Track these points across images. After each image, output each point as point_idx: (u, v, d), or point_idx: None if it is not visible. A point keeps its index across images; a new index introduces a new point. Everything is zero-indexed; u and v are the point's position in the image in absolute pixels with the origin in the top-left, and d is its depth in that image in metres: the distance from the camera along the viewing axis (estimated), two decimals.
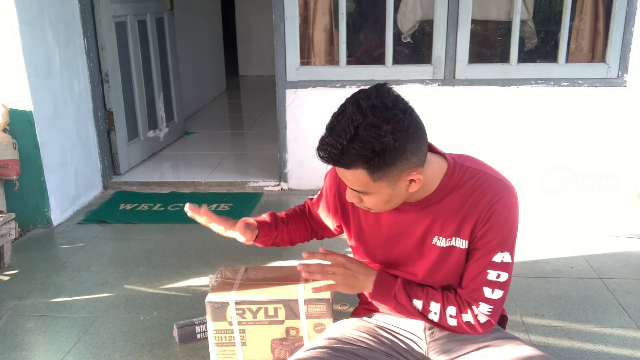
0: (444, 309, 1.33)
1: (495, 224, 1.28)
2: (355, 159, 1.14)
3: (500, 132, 3.45)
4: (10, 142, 2.85)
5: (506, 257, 1.30)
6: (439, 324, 1.34)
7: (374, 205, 1.28)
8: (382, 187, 1.21)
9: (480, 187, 1.29)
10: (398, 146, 1.14)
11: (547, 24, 3.63)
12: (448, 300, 1.34)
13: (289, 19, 3.41)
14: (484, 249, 1.30)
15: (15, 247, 2.83)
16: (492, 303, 1.31)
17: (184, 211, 1.59)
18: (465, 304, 1.33)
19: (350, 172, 1.18)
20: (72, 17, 3.34)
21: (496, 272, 1.30)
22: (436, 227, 1.33)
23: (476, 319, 1.31)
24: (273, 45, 3.48)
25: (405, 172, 1.20)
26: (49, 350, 2.04)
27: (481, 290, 1.31)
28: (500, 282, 1.30)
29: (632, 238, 2.84)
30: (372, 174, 1.17)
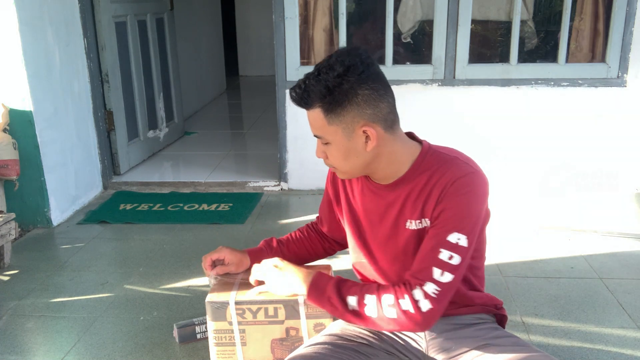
0: (379, 299, 1.26)
1: (453, 201, 1.25)
2: (313, 96, 1.24)
3: (500, 132, 3.45)
4: (10, 142, 2.85)
5: (462, 240, 1.24)
6: (377, 320, 1.26)
7: (334, 160, 1.32)
8: (337, 135, 1.27)
9: (446, 168, 1.29)
10: (348, 87, 1.22)
11: (547, 24, 3.63)
12: (384, 289, 1.27)
13: (289, 19, 3.41)
14: (439, 226, 1.26)
15: (15, 247, 2.83)
16: (440, 286, 1.22)
17: (184, 211, 1.60)
18: (404, 289, 1.24)
19: (310, 113, 1.27)
20: (72, 17, 3.34)
21: (449, 253, 1.23)
22: (407, 210, 1.34)
23: (416, 305, 1.22)
24: (273, 45, 3.48)
25: (357, 121, 1.25)
26: (49, 350, 2.04)
27: (430, 269, 1.23)
28: (452, 265, 1.23)
29: (632, 238, 2.84)
30: (327, 115, 1.25)
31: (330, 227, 1.66)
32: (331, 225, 1.65)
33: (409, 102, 3.41)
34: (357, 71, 1.22)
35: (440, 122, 3.42)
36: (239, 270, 1.61)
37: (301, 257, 1.69)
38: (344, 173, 1.36)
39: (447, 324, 1.41)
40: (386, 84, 1.28)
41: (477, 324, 1.42)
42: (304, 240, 1.70)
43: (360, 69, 1.22)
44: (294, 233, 1.71)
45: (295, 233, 1.72)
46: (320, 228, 1.70)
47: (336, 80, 1.22)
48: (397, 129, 1.31)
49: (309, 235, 1.71)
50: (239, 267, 1.61)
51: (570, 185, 3.48)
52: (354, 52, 1.24)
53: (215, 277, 1.66)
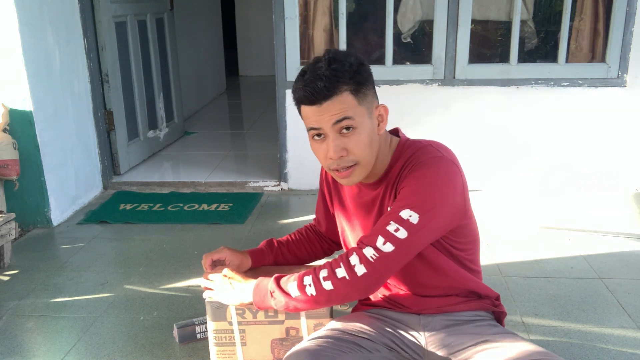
0: (316, 276, 1.28)
1: (413, 180, 1.27)
2: (340, 77, 1.24)
3: (500, 132, 3.45)
4: (10, 142, 2.85)
5: (414, 218, 1.24)
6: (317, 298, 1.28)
7: (361, 149, 1.28)
8: (365, 116, 1.28)
9: (415, 153, 1.33)
10: (368, 68, 1.30)
11: (547, 24, 3.63)
12: (321, 267, 1.30)
13: (289, 19, 3.41)
14: (397, 201, 1.28)
15: (15, 247, 2.83)
16: (379, 252, 1.23)
17: (184, 211, 1.62)
18: (340, 258, 1.27)
19: (336, 99, 1.24)
20: (72, 17, 3.34)
21: (396, 226, 1.24)
22: (387, 200, 1.37)
23: (352, 271, 1.24)
24: (273, 45, 3.48)
25: (374, 101, 1.32)
26: (49, 350, 2.04)
27: (375, 236, 1.25)
28: (396, 237, 1.23)
29: (632, 238, 2.84)
30: (356, 95, 1.26)
31: (328, 227, 1.67)
32: (329, 226, 1.67)
33: (409, 102, 3.41)
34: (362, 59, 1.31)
35: (440, 122, 3.42)
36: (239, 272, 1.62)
37: (300, 257, 1.70)
38: (361, 168, 1.31)
39: (446, 320, 1.42)
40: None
41: (475, 321, 1.43)
42: (303, 241, 1.71)
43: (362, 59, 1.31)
44: (293, 234, 1.73)
45: (294, 234, 1.73)
46: (318, 229, 1.71)
47: (357, 61, 1.27)
48: None
49: (307, 236, 1.72)
50: (240, 268, 1.61)
51: (570, 185, 3.48)
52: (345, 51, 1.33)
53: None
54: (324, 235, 1.71)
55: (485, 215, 3.07)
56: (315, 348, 1.30)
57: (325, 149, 1.30)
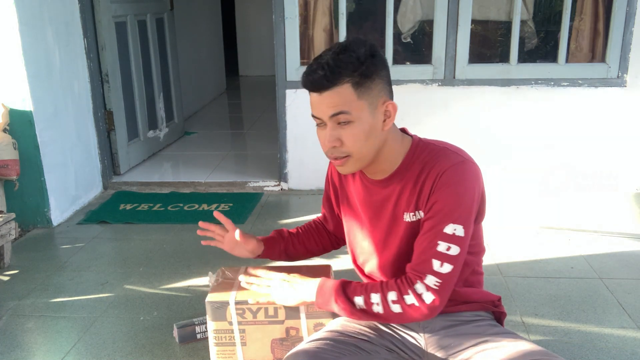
0: (384, 296, 1.29)
1: (444, 192, 1.27)
2: (344, 68, 1.22)
3: (500, 132, 3.45)
4: (10, 142, 2.85)
5: (458, 230, 1.26)
6: (385, 316, 1.30)
7: (354, 142, 1.27)
8: (364, 110, 1.26)
9: (435, 159, 1.31)
10: (378, 61, 1.26)
11: (547, 24, 3.63)
12: (387, 286, 1.30)
13: (289, 19, 3.41)
14: (434, 218, 1.28)
15: (15, 247, 2.83)
16: (441, 277, 1.25)
17: (184, 211, 1.62)
18: (406, 284, 1.28)
19: (335, 90, 1.23)
20: (72, 17, 3.34)
21: (447, 244, 1.26)
22: (403, 203, 1.35)
23: (420, 298, 1.26)
24: (273, 45, 3.48)
25: (381, 96, 1.28)
26: (49, 350, 2.04)
27: (430, 262, 1.26)
28: (450, 256, 1.25)
29: (632, 238, 2.84)
30: (357, 88, 1.24)
31: (334, 226, 1.67)
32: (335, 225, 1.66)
33: (409, 102, 3.41)
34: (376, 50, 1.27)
35: (440, 122, 3.42)
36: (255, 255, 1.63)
37: (310, 249, 1.70)
38: (356, 160, 1.31)
39: (445, 321, 1.42)
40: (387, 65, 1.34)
41: (475, 321, 1.43)
42: (313, 233, 1.71)
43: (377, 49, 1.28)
44: (302, 226, 1.73)
45: (304, 226, 1.73)
46: (325, 225, 1.71)
47: (368, 52, 1.24)
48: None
49: (317, 229, 1.72)
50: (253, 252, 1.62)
51: (570, 185, 3.48)
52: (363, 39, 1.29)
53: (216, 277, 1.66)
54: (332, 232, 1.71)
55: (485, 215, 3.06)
56: (315, 350, 1.30)
57: (323, 136, 1.31)
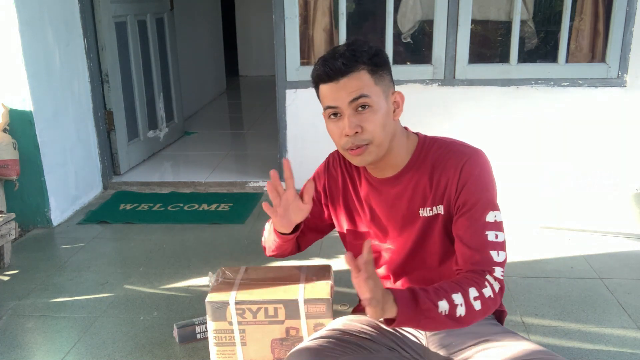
0: (466, 294, 1.23)
1: (473, 185, 1.32)
2: (359, 57, 1.28)
3: (500, 132, 3.45)
4: (10, 142, 2.85)
5: (498, 216, 1.32)
6: (466, 318, 1.23)
7: (374, 127, 1.28)
8: (381, 96, 1.30)
9: (447, 154, 1.36)
10: (385, 54, 1.34)
11: (547, 24, 3.63)
12: (463, 284, 1.25)
13: (289, 19, 3.41)
14: (473, 212, 1.31)
15: (15, 247, 2.83)
16: (502, 265, 1.30)
17: (184, 211, 1.60)
18: (480, 277, 1.26)
19: (353, 75, 1.27)
20: (72, 17, 3.34)
21: (494, 232, 1.30)
22: (418, 198, 1.38)
23: (493, 289, 1.27)
24: (273, 45, 3.48)
25: (391, 86, 1.35)
26: (49, 350, 2.04)
27: (489, 254, 1.29)
28: (501, 243, 1.30)
29: (632, 238, 2.84)
30: (373, 74, 1.29)
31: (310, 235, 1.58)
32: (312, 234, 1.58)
33: (409, 102, 3.37)
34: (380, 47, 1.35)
35: (440, 122, 3.42)
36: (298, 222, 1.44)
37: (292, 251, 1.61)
38: (375, 147, 1.30)
39: None
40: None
41: None
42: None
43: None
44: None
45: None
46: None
47: (377, 47, 1.32)
48: None
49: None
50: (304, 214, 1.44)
51: (571, 185, 3.48)
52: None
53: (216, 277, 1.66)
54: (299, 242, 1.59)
55: None
56: (317, 347, 1.30)
57: (340, 127, 1.31)
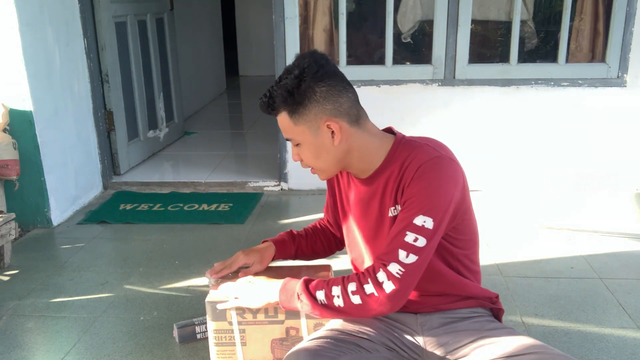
0: (344, 288, 1.29)
1: (417, 185, 1.29)
2: (277, 101, 1.31)
3: (500, 132, 3.45)
4: (10, 142, 2.85)
5: (428, 223, 1.26)
6: (346, 309, 1.29)
7: (308, 160, 1.39)
8: (305, 135, 1.34)
9: (413, 155, 1.33)
10: (306, 87, 1.29)
11: (547, 24, 3.63)
12: (348, 279, 1.30)
13: (289, 19, 3.41)
14: (406, 210, 1.29)
15: (15, 247, 2.83)
16: (404, 267, 1.25)
17: (184, 211, 1.63)
18: (367, 274, 1.27)
19: (279, 118, 1.35)
20: (72, 17, 3.34)
21: (414, 235, 1.26)
22: (387, 199, 1.38)
23: (380, 287, 1.25)
24: (273, 45, 3.48)
25: (321, 117, 1.32)
26: (49, 350, 2.04)
27: (396, 251, 1.26)
28: (416, 247, 1.25)
29: (632, 238, 2.84)
30: (291, 116, 1.32)
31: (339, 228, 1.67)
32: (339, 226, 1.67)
33: (409, 102, 3.41)
34: (312, 71, 1.29)
35: (440, 122, 3.42)
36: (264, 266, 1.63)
37: (317, 252, 1.72)
38: (321, 172, 1.42)
39: (443, 318, 1.43)
40: (344, 80, 1.35)
41: (473, 317, 1.44)
42: (319, 235, 1.72)
43: (315, 69, 1.30)
44: (309, 228, 1.73)
45: (311, 228, 1.74)
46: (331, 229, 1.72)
47: (294, 82, 1.29)
48: (363, 123, 1.37)
49: (323, 231, 1.73)
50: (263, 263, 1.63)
51: (570, 185, 3.48)
52: (309, 55, 1.33)
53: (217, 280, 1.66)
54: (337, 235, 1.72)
55: (485, 215, 3.07)
56: (315, 348, 1.30)
57: None
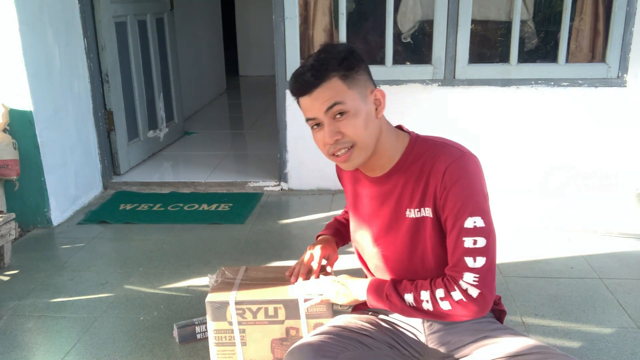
0: (432, 294, 1.32)
1: (453, 189, 1.29)
2: (327, 65, 1.28)
3: (500, 132, 3.45)
4: (10, 142, 2.85)
5: (478, 222, 1.28)
6: (435, 313, 1.33)
7: (356, 130, 1.30)
8: (357, 101, 1.30)
9: (436, 155, 1.34)
10: (358, 55, 1.32)
11: (547, 24, 3.63)
12: (435, 284, 1.33)
13: (289, 19, 3.41)
14: (452, 216, 1.30)
15: (15, 247, 2.83)
16: (477, 272, 1.28)
17: (184, 211, 1.62)
18: (452, 282, 1.31)
19: (325, 86, 1.28)
20: (72, 17, 3.34)
21: (472, 239, 1.28)
22: (405, 199, 1.38)
23: (466, 294, 1.28)
24: (273, 45, 3.48)
25: (368, 85, 1.33)
26: (49, 350, 2.04)
27: (462, 260, 1.29)
28: (479, 249, 1.28)
29: (632, 238, 2.84)
30: (345, 80, 1.29)
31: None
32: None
33: (409, 102, 3.41)
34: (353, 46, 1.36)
35: (440, 122, 3.42)
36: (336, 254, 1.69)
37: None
38: (360, 150, 1.32)
39: None
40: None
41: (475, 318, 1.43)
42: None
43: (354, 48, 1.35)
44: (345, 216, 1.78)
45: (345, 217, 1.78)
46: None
47: (347, 49, 1.32)
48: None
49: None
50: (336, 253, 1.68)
51: (570, 185, 3.48)
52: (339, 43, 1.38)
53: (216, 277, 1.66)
54: None
55: None
56: (319, 343, 1.31)
57: (322, 135, 1.32)
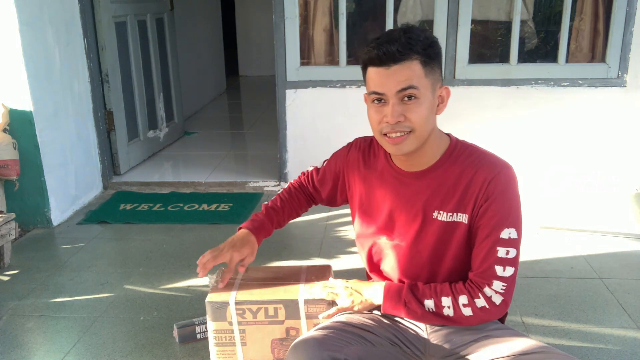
0: (455, 300, 1.34)
1: (495, 200, 1.32)
2: (414, 46, 1.25)
3: (500, 132, 3.45)
4: (10, 142, 2.85)
5: (513, 233, 1.32)
6: (455, 319, 1.34)
7: (418, 118, 1.29)
8: (428, 90, 1.29)
9: (479, 164, 1.35)
10: (439, 46, 1.32)
11: (547, 24, 3.63)
12: (457, 290, 1.35)
13: (289, 19, 3.41)
14: (489, 226, 1.32)
15: (15, 247, 2.83)
16: (505, 280, 1.32)
17: (184, 211, 1.61)
18: (476, 288, 1.33)
19: (406, 64, 1.26)
20: (72, 17, 3.34)
21: (505, 249, 1.32)
22: (436, 201, 1.37)
23: (490, 301, 1.32)
24: (273, 45, 3.48)
25: (439, 80, 1.33)
26: (49, 350, 2.04)
27: (493, 268, 1.32)
28: (510, 259, 1.32)
29: (632, 238, 2.84)
30: (425, 66, 1.27)
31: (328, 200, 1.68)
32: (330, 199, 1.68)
33: None
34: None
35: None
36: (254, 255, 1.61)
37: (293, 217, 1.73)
38: (415, 138, 1.31)
39: None
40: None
41: None
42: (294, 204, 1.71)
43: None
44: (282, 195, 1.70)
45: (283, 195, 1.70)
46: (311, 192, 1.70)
47: (432, 37, 1.31)
48: None
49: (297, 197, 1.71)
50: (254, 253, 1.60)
51: (571, 185, 3.48)
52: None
53: (216, 277, 1.66)
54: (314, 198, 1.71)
55: None
56: (323, 337, 1.31)
57: (382, 113, 1.30)
